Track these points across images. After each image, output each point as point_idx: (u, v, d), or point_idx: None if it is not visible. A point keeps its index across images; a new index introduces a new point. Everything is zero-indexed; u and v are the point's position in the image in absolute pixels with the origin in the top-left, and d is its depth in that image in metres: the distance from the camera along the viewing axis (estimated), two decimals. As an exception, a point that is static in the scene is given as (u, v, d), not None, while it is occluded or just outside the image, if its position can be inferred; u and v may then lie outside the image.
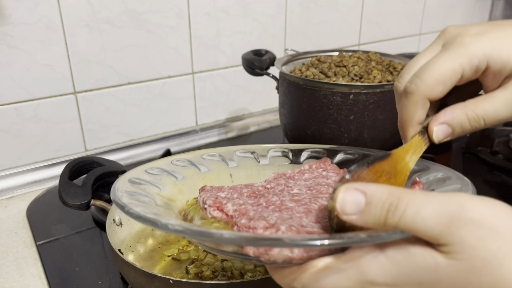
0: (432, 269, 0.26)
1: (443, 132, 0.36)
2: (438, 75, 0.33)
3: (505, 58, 0.32)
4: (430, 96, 0.34)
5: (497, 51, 0.32)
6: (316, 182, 0.43)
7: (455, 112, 0.35)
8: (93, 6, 0.79)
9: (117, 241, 0.53)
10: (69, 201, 0.57)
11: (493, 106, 0.34)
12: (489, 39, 0.32)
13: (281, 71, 0.72)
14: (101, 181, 0.63)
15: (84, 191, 0.59)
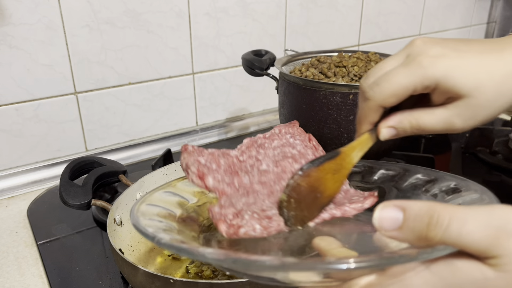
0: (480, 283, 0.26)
1: (388, 133, 0.40)
2: (393, 89, 0.37)
3: (451, 84, 0.36)
4: (383, 105, 0.39)
5: (446, 77, 0.36)
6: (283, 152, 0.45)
7: (401, 118, 0.39)
8: (94, 7, 0.79)
9: (117, 240, 0.54)
10: (70, 201, 0.57)
11: (431, 121, 0.38)
12: (443, 64, 0.36)
13: (281, 71, 0.72)
14: (101, 181, 0.64)
15: (84, 191, 0.59)
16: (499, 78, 0.36)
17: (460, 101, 0.36)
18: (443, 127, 0.38)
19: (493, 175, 0.80)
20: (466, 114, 0.37)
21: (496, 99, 0.36)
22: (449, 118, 0.37)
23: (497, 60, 0.37)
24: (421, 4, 1.28)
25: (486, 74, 0.36)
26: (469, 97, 0.36)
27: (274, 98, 0.96)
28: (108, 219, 0.53)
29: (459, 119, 0.37)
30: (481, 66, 0.36)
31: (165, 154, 0.79)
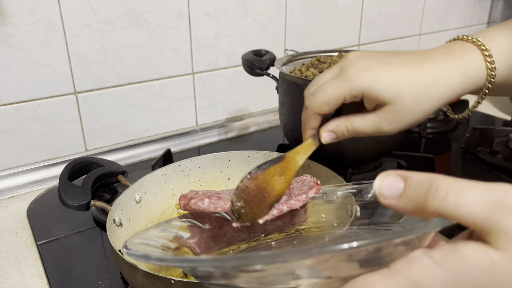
0: (488, 268, 0.25)
1: (329, 137, 0.46)
2: (325, 98, 0.43)
3: (375, 93, 0.41)
4: (319, 112, 0.45)
5: (370, 87, 0.41)
6: None
7: (339, 123, 0.45)
8: (94, 7, 0.79)
9: (117, 241, 0.53)
10: (69, 202, 0.57)
11: (363, 125, 0.44)
12: (368, 77, 0.41)
13: (281, 71, 0.72)
14: (100, 182, 0.64)
15: (83, 191, 0.59)
16: (418, 87, 0.41)
17: (385, 107, 0.42)
18: (373, 130, 0.43)
19: (493, 175, 0.80)
20: (391, 119, 0.42)
21: (416, 105, 0.42)
22: (378, 122, 0.43)
23: (417, 71, 0.42)
24: (421, 4, 1.28)
25: (406, 84, 0.41)
26: (391, 104, 0.41)
27: (274, 98, 0.96)
28: (108, 219, 0.53)
29: (386, 123, 0.42)
30: (401, 77, 0.41)
31: (165, 154, 0.79)
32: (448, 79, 0.42)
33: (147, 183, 0.62)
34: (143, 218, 0.60)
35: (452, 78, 0.42)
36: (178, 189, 0.66)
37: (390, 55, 0.44)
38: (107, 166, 0.66)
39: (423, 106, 0.42)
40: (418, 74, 0.42)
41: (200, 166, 0.67)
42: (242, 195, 0.44)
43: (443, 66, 0.42)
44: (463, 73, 0.43)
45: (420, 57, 0.43)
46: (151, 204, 0.62)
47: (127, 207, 0.58)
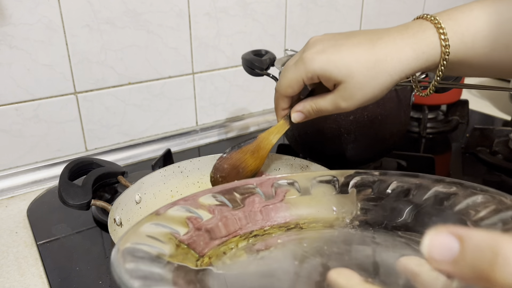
0: None
1: (298, 116, 0.51)
2: (287, 83, 0.49)
3: (328, 74, 0.45)
4: (285, 95, 0.50)
5: (323, 69, 0.45)
6: None
7: (305, 104, 0.50)
8: (94, 7, 0.79)
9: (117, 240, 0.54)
10: (70, 201, 0.57)
11: (324, 104, 0.48)
12: (321, 60, 0.45)
13: (281, 71, 0.72)
14: (101, 182, 0.64)
15: (84, 191, 0.59)
16: (367, 64, 0.44)
17: (339, 86, 0.46)
18: (332, 107, 0.47)
19: (493, 175, 0.80)
20: (346, 96, 0.46)
21: (368, 81, 0.45)
22: (335, 100, 0.47)
23: (368, 50, 0.45)
24: (421, 4, 1.28)
25: (355, 62, 0.44)
26: (344, 83, 0.45)
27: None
28: (109, 219, 0.53)
29: (341, 100, 0.46)
30: (352, 57, 0.45)
31: (165, 154, 0.79)
32: (400, 55, 0.44)
33: (146, 183, 0.62)
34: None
35: (404, 54, 0.44)
36: (177, 190, 0.66)
37: (347, 36, 0.47)
38: (107, 167, 0.66)
39: (375, 81, 0.45)
40: (369, 52, 0.45)
41: (199, 168, 0.67)
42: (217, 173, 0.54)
43: (397, 43, 0.45)
44: (416, 49, 0.44)
45: (375, 35, 0.46)
46: (151, 204, 0.62)
47: (127, 207, 0.58)
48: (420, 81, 0.65)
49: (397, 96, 0.66)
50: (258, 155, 0.55)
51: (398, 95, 0.66)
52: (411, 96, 0.70)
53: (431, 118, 1.00)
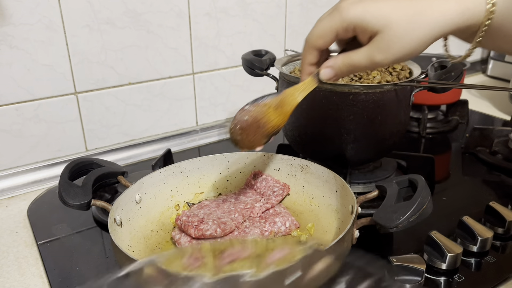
0: None
1: (328, 73, 0.48)
2: (319, 33, 0.47)
3: (364, 24, 0.43)
4: (315, 46, 0.48)
5: (360, 19, 0.43)
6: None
7: (336, 60, 0.47)
8: (94, 7, 0.79)
9: (118, 240, 0.54)
10: (70, 201, 0.57)
11: (358, 57, 0.45)
12: (357, 9, 0.43)
13: (281, 71, 0.72)
14: (101, 182, 0.64)
15: (84, 191, 0.59)
16: (407, 16, 0.42)
17: (376, 37, 0.43)
18: (367, 61, 0.44)
19: (493, 175, 0.80)
20: (382, 47, 0.43)
21: (406, 33, 0.42)
22: (370, 53, 0.44)
23: (407, 1, 0.42)
24: (421, 4, 1.28)
25: (395, 13, 0.42)
26: (381, 33, 0.42)
27: (274, 98, 0.96)
28: (109, 218, 0.54)
29: (377, 52, 0.43)
30: (390, 7, 0.42)
31: (165, 154, 0.79)
32: (444, 7, 0.42)
33: (146, 183, 0.62)
34: (143, 218, 0.60)
35: (448, 7, 0.42)
36: (178, 190, 0.66)
37: None
38: (107, 167, 0.66)
39: (415, 33, 0.42)
40: (407, 4, 0.42)
41: (199, 168, 0.67)
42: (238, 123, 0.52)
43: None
44: (461, 3, 0.42)
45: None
46: (151, 204, 0.62)
47: (127, 207, 0.58)
48: (420, 81, 0.65)
49: (397, 96, 0.66)
50: (281, 111, 0.52)
51: (398, 95, 0.66)
52: (411, 96, 0.70)
53: (431, 118, 1.01)
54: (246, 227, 0.58)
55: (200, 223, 0.56)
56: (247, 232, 0.57)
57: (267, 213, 0.61)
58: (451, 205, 0.70)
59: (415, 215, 0.45)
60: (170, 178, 0.65)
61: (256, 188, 0.66)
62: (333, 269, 0.39)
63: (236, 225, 0.58)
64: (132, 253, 0.55)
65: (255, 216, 0.61)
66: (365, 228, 0.52)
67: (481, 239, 0.57)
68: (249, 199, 0.63)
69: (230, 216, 0.59)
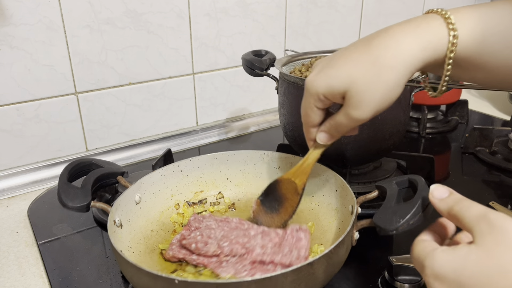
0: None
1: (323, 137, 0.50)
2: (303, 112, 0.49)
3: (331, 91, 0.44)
4: (308, 125, 0.50)
5: (325, 88, 0.44)
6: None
7: (326, 123, 0.49)
8: (94, 7, 0.79)
9: (118, 242, 0.54)
10: (69, 203, 0.56)
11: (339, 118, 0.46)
12: (320, 78, 0.45)
13: (281, 71, 0.72)
14: (100, 182, 0.63)
15: (83, 192, 0.58)
16: (366, 65, 0.42)
17: (346, 96, 0.44)
18: (346, 119, 0.45)
19: (493, 175, 0.80)
20: (354, 103, 0.43)
21: (371, 82, 0.42)
22: (347, 111, 0.44)
23: (363, 52, 0.43)
24: (421, 4, 1.28)
25: (354, 67, 0.42)
26: (349, 90, 0.43)
27: (274, 98, 0.96)
28: (109, 220, 0.53)
29: (352, 109, 0.44)
30: (349, 66, 0.43)
31: (166, 154, 0.79)
32: (401, 46, 0.41)
33: (146, 183, 0.62)
34: (143, 218, 0.61)
35: (406, 45, 0.41)
36: (177, 189, 0.66)
37: (345, 48, 0.45)
38: (107, 167, 0.65)
39: (380, 79, 0.42)
40: (365, 53, 0.42)
41: (199, 166, 0.67)
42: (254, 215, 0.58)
43: (395, 36, 0.42)
44: (420, 39, 0.41)
45: (372, 36, 0.44)
46: (151, 204, 0.62)
47: (127, 207, 0.58)
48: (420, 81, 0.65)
49: (396, 96, 0.66)
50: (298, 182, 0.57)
51: (397, 95, 0.66)
52: (410, 96, 0.70)
53: (431, 118, 1.01)
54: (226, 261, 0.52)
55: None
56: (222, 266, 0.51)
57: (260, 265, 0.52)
58: (451, 205, 0.70)
59: (416, 217, 0.45)
60: (169, 178, 0.65)
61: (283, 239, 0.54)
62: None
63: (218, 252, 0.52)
64: (132, 255, 0.55)
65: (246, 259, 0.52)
66: (365, 228, 0.52)
67: (481, 239, 0.57)
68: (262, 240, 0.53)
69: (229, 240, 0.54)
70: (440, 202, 0.37)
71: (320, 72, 0.45)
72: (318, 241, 0.58)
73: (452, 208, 0.36)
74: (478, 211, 0.34)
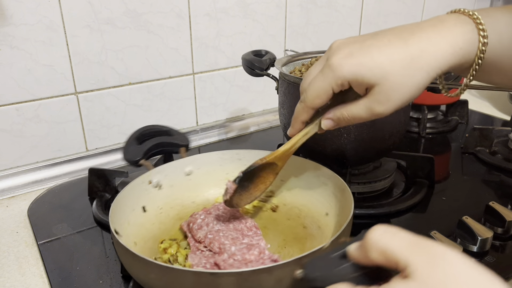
0: None
1: (328, 124, 0.48)
2: (315, 93, 0.45)
3: (360, 79, 0.42)
4: (313, 107, 0.47)
5: (354, 74, 0.42)
6: None
7: (336, 111, 0.47)
8: (94, 7, 0.79)
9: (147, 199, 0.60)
10: (124, 156, 0.66)
11: (358, 110, 0.45)
12: (351, 64, 0.42)
13: (281, 71, 0.72)
14: (162, 148, 0.69)
15: (139, 151, 0.66)
16: (402, 63, 0.41)
17: (374, 89, 0.42)
18: (368, 113, 0.44)
19: (493, 175, 0.80)
20: (382, 99, 0.42)
21: (405, 81, 0.41)
22: (370, 105, 0.43)
23: (401, 47, 0.41)
24: (421, 4, 1.28)
25: (389, 62, 0.41)
26: (378, 85, 0.42)
27: (274, 98, 0.96)
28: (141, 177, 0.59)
29: (377, 104, 0.43)
30: (384, 57, 0.41)
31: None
32: (436, 50, 0.41)
33: (201, 160, 0.66)
34: (189, 189, 0.65)
35: (440, 50, 0.41)
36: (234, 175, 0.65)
37: (374, 36, 0.43)
38: (174, 137, 0.71)
39: (412, 80, 0.42)
40: (402, 50, 0.41)
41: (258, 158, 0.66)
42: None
43: (431, 38, 0.41)
44: (454, 44, 0.41)
45: (406, 31, 0.42)
46: (202, 180, 0.66)
47: (173, 174, 0.64)
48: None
49: (396, 96, 0.66)
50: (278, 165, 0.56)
51: (397, 95, 0.66)
52: (410, 96, 0.70)
53: (431, 118, 1.01)
54: (202, 251, 0.55)
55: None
56: (195, 253, 0.55)
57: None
58: (451, 205, 0.70)
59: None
60: (227, 162, 0.67)
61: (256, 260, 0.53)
62: None
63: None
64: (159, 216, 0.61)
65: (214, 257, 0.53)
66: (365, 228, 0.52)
67: (481, 239, 0.57)
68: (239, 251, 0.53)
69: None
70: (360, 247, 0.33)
71: (350, 56, 0.42)
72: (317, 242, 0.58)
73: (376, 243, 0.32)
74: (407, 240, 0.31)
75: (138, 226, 0.58)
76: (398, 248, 0.30)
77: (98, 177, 0.73)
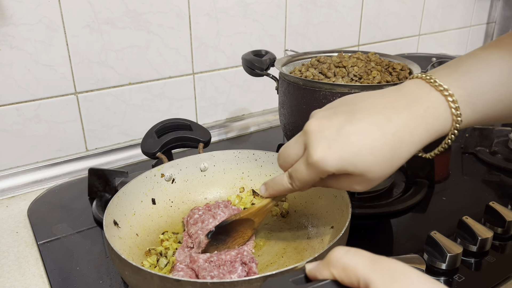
0: None
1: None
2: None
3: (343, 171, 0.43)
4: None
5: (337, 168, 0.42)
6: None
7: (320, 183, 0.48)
8: (94, 7, 0.79)
9: (159, 193, 0.61)
10: (142, 147, 0.68)
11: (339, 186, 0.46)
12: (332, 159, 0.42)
13: (281, 71, 0.72)
14: (181, 142, 0.71)
15: (157, 144, 0.68)
16: (383, 155, 0.42)
17: (356, 174, 0.43)
18: (348, 188, 0.46)
19: (493, 175, 0.80)
20: (363, 183, 0.44)
21: (384, 168, 0.43)
22: (351, 185, 0.45)
23: (379, 138, 0.42)
24: (420, 4, 1.28)
25: (371, 156, 0.42)
26: (362, 175, 0.43)
27: (274, 98, 0.96)
28: (153, 170, 0.61)
29: (358, 185, 0.45)
30: (365, 150, 0.42)
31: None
32: (414, 137, 0.43)
33: (217, 157, 0.67)
34: (203, 185, 0.66)
35: (418, 136, 0.43)
36: (249, 175, 0.67)
37: (349, 117, 0.43)
38: (196, 132, 0.72)
39: (392, 165, 0.44)
40: (382, 140, 0.42)
41: (273, 162, 0.66)
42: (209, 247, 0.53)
43: (408, 126, 0.42)
44: (430, 129, 0.43)
45: (381, 114, 0.43)
46: (217, 177, 0.66)
47: (188, 170, 0.65)
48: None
49: (396, 96, 0.66)
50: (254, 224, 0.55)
51: (397, 95, 0.66)
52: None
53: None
54: (190, 248, 0.55)
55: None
56: (183, 250, 0.55)
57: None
58: (451, 205, 0.70)
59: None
60: (243, 161, 0.67)
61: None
62: None
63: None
64: (170, 208, 0.63)
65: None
66: (365, 228, 0.52)
67: (481, 239, 0.57)
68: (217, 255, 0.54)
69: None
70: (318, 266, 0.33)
71: (329, 149, 0.42)
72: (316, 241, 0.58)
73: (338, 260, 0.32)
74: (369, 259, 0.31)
75: (145, 218, 0.59)
76: (360, 265, 0.31)
77: (98, 177, 0.73)
